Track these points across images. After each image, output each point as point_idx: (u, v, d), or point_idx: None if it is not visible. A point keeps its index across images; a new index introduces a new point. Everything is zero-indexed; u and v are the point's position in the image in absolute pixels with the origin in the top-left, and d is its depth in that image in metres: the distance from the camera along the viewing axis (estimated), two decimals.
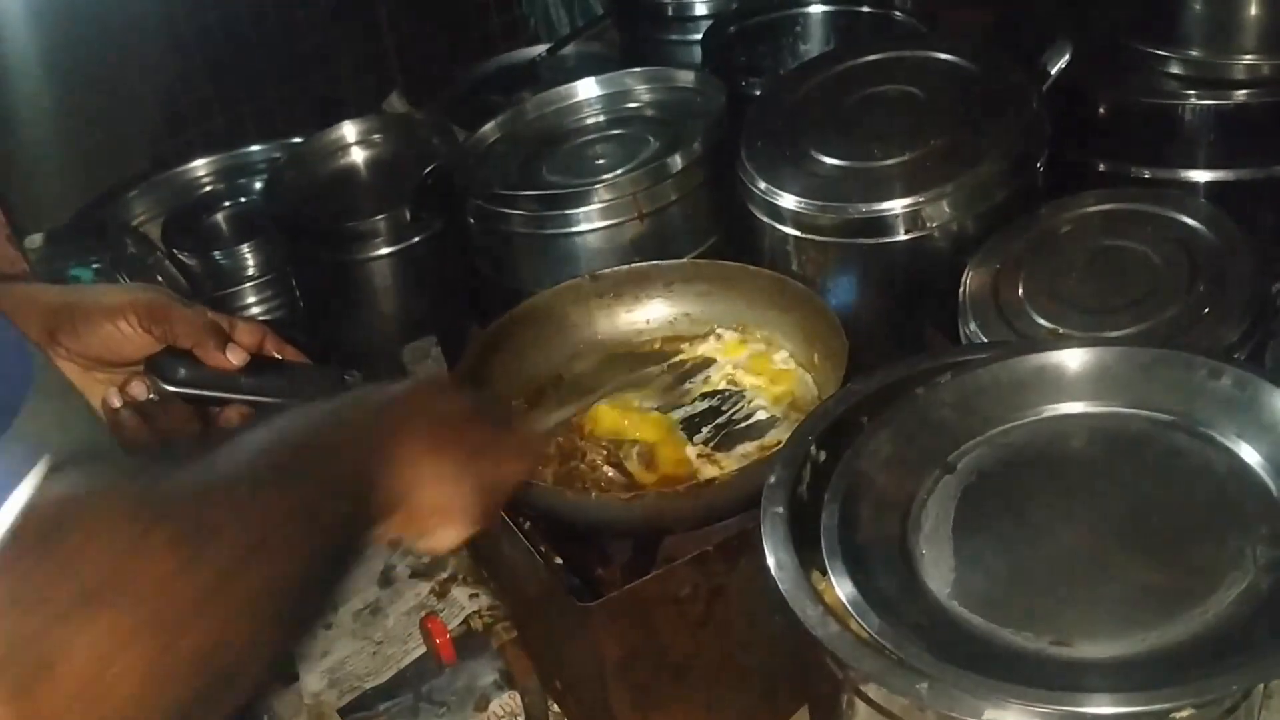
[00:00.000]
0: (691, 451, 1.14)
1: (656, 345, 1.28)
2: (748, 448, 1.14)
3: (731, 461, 1.12)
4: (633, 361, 1.26)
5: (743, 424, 1.17)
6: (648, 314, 1.29)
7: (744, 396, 1.20)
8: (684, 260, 1.31)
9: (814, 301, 1.18)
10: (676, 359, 1.25)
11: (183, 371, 0.96)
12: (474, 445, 0.83)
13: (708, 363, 1.24)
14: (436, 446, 0.79)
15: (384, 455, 0.75)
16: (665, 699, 1.04)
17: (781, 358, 1.23)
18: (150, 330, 0.94)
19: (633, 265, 1.29)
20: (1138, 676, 0.70)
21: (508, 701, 1.16)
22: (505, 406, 1.18)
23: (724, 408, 1.19)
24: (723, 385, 1.22)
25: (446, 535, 0.82)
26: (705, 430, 1.16)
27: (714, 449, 1.14)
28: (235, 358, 0.96)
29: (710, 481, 1.05)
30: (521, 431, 0.96)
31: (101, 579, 0.53)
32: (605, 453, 1.13)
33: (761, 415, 1.17)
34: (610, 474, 1.12)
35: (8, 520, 0.52)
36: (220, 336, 0.96)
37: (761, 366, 1.22)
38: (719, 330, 1.26)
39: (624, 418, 1.17)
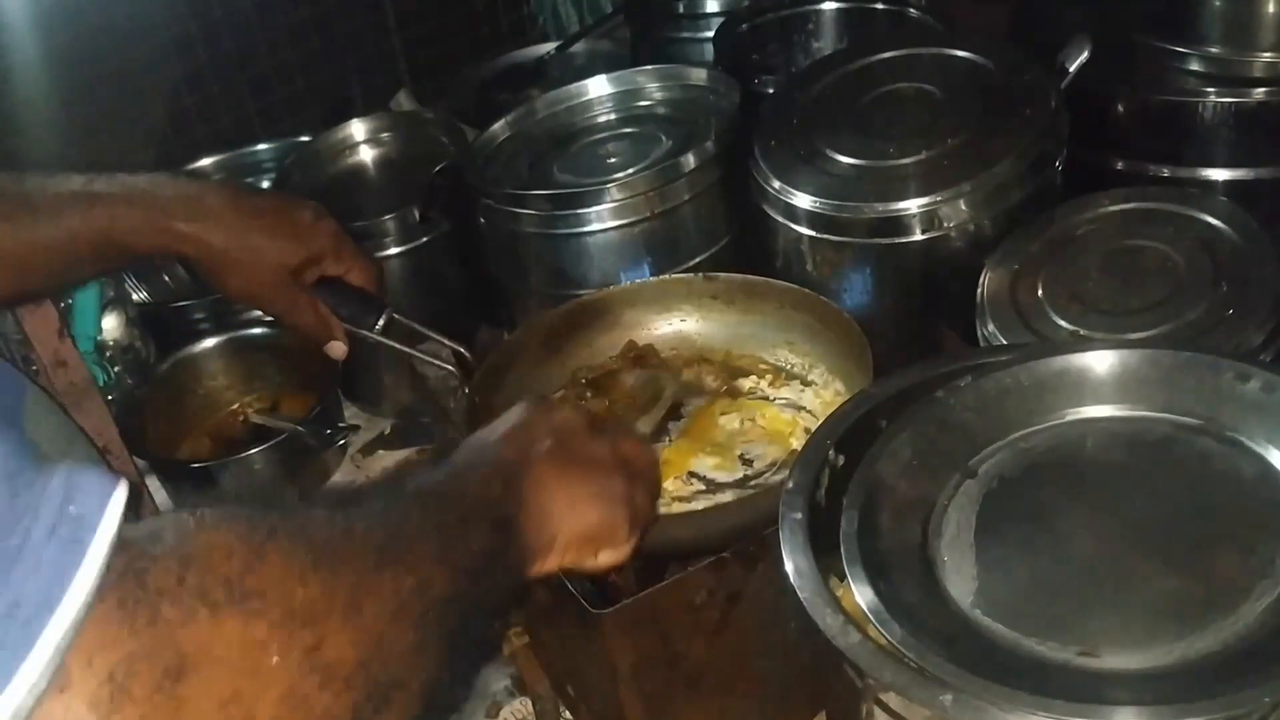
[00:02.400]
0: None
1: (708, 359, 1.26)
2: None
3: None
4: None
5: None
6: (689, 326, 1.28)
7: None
8: (781, 281, 1.24)
9: (855, 335, 1.13)
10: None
11: None
12: (602, 458, 0.81)
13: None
14: (566, 472, 0.78)
15: (517, 495, 0.74)
16: (679, 707, 1.02)
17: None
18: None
19: (748, 275, 1.25)
20: (1166, 688, 0.68)
21: (519, 708, 1.15)
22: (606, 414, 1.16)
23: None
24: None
25: (610, 556, 0.82)
26: None
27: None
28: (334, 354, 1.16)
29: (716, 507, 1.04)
30: (636, 436, 0.93)
31: (220, 586, 0.51)
32: None
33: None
34: None
35: (110, 532, 0.48)
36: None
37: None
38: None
39: None
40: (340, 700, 0.53)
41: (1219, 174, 1.29)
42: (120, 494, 0.50)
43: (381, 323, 1.16)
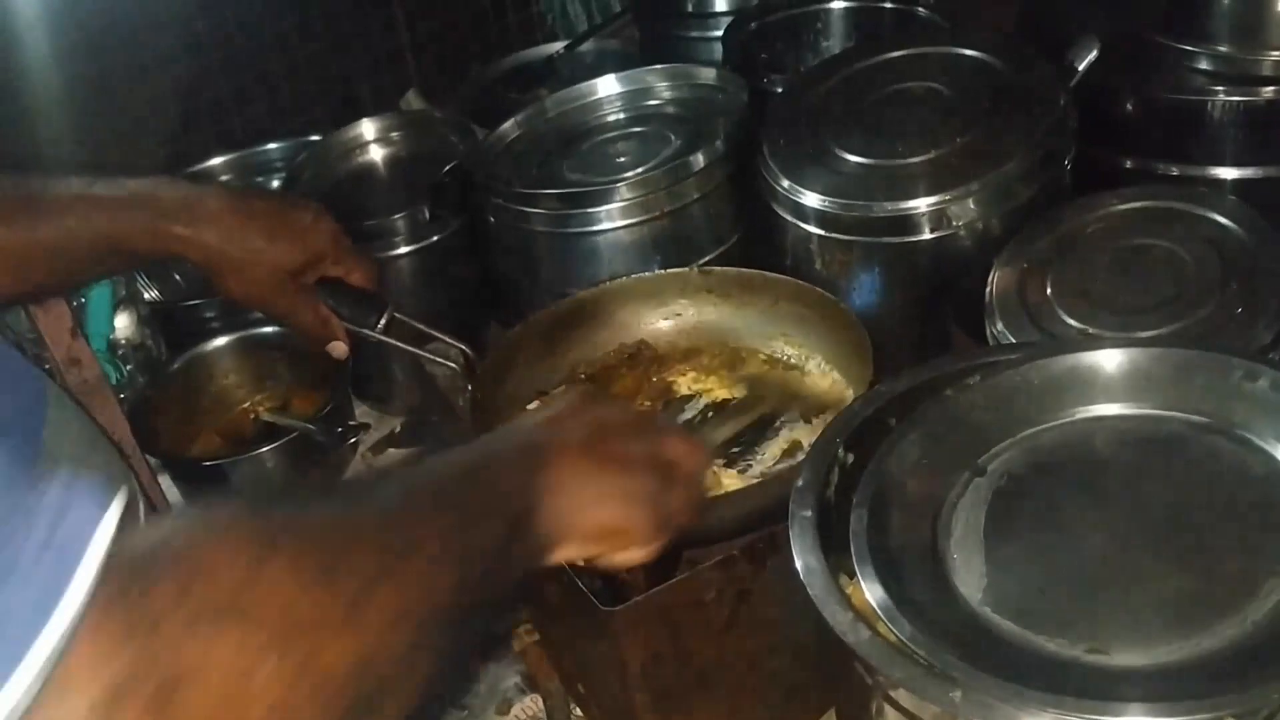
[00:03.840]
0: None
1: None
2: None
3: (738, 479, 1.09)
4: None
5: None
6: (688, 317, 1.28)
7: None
8: (790, 279, 1.24)
9: (852, 325, 1.14)
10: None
11: None
12: (638, 456, 0.79)
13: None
14: (598, 463, 0.76)
15: (541, 481, 0.72)
16: (689, 704, 1.03)
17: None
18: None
19: (743, 269, 1.26)
20: (1175, 686, 0.68)
21: (530, 705, 1.15)
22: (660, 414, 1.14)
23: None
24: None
25: (629, 555, 0.80)
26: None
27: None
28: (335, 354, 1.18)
29: (725, 494, 1.04)
30: (690, 439, 0.88)
31: (223, 599, 0.50)
32: None
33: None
34: None
35: (103, 546, 0.48)
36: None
37: None
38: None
39: None
40: (331, 706, 0.53)
41: (1228, 172, 1.29)
42: (115, 508, 0.49)
43: (383, 322, 1.17)
